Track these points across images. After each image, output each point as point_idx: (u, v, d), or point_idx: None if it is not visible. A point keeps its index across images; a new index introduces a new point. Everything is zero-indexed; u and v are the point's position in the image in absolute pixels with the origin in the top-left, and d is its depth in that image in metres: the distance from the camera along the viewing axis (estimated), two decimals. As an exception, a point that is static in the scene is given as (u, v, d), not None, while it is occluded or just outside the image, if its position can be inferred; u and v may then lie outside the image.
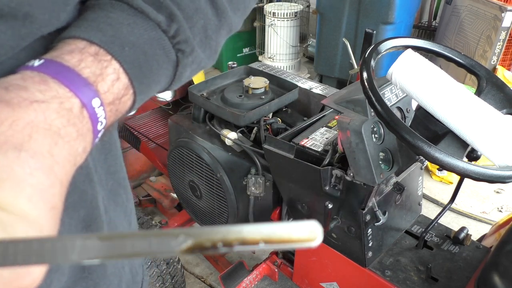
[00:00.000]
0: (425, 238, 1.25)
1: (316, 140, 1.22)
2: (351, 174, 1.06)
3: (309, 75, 4.02)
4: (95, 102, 0.32)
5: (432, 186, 2.75)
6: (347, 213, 1.14)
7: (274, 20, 3.66)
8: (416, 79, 0.92)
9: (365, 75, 0.91)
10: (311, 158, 1.18)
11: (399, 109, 1.13)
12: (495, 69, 3.17)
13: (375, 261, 1.20)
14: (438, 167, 2.29)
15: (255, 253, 1.89)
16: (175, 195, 1.96)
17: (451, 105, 0.89)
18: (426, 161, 1.18)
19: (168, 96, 2.24)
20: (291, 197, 1.29)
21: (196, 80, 2.08)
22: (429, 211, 2.50)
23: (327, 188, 1.13)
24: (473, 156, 0.99)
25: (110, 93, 0.34)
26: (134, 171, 2.47)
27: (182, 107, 1.93)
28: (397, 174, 1.12)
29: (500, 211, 2.57)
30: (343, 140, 1.04)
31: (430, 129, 0.99)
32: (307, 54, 4.39)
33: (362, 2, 3.18)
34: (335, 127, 1.29)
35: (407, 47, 0.98)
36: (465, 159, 0.98)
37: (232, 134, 1.39)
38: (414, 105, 1.13)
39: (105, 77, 0.33)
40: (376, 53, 0.94)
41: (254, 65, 1.75)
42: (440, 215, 1.24)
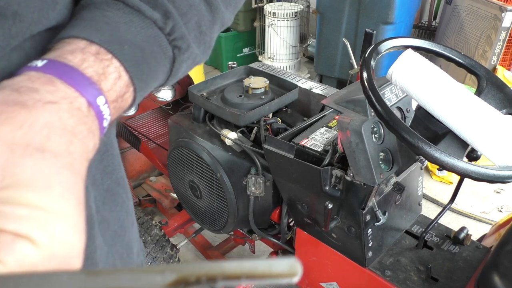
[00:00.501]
0: (425, 238, 1.25)
1: (316, 140, 1.22)
2: (351, 174, 1.06)
3: (309, 75, 4.02)
4: (100, 100, 0.33)
5: (432, 186, 2.75)
6: (347, 213, 1.14)
7: (274, 20, 3.66)
8: (416, 79, 0.92)
9: (365, 75, 0.91)
10: (311, 158, 1.18)
11: (399, 109, 1.13)
12: (495, 69, 3.17)
13: (375, 261, 1.20)
14: (438, 167, 2.29)
15: (255, 253, 1.89)
16: (175, 195, 1.96)
17: (451, 105, 0.89)
18: (426, 161, 1.18)
19: (168, 96, 2.24)
20: (291, 197, 1.29)
21: (196, 80, 2.08)
22: (429, 211, 2.50)
23: (327, 188, 1.13)
24: (473, 156, 0.99)
25: (113, 91, 0.34)
26: (134, 171, 2.47)
27: (182, 107, 1.93)
28: (397, 174, 1.12)
29: (500, 211, 2.57)
30: (343, 140, 1.04)
31: (430, 129, 0.99)
32: (307, 54, 4.39)
33: (362, 2, 3.18)
34: (335, 127, 1.29)
35: (407, 47, 0.98)
36: (465, 159, 0.98)
37: (232, 134, 1.39)
38: (414, 105, 1.13)
39: (107, 75, 0.34)
40: (376, 53, 0.94)
41: (254, 65, 1.75)
42: (440, 215, 1.24)
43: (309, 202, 1.23)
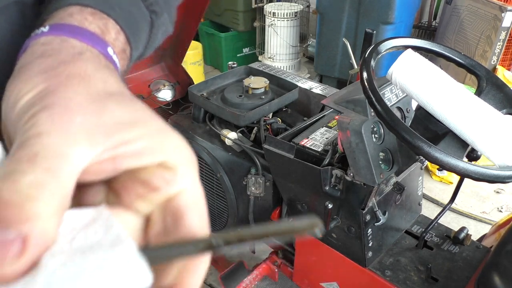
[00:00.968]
0: (425, 238, 1.25)
1: (316, 140, 1.23)
2: (351, 174, 1.06)
3: (309, 75, 4.02)
4: (110, 50, 0.34)
5: (432, 186, 2.75)
6: (347, 213, 1.14)
7: (274, 20, 3.66)
8: (416, 79, 0.92)
9: (365, 75, 0.91)
10: (311, 158, 1.18)
11: (399, 109, 1.13)
12: (495, 69, 3.17)
13: (375, 261, 1.20)
14: (438, 167, 2.29)
15: (255, 253, 1.89)
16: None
17: (451, 105, 0.89)
18: (426, 161, 1.18)
19: (168, 96, 2.24)
20: (291, 197, 1.29)
21: (196, 80, 2.08)
22: (429, 211, 2.50)
23: (327, 188, 1.13)
24: (473, 156, 0.99)
25: (116, 45, 0.36)
26: (134, 171, 2.46)
27: (182, 107, 1.93)
28: (397, 174, 1.12)
29: (500, 211, 2.57)
30: (343, 140, 1.04)
31: (430, 129, 0.99)
32: (307, 54, 4.38)
33: (362, 2, 3.18)
34: (335, 127, 1.29)
35: (407, 47, 0.98)
36: (465, 159, 0.98)
37: (232, 134, 1.39)
38: (414, 105, 1.13)
39: (110, 30, 0.35)
40: (376, 53, 0.94)
41: (254, 65, 1.75)
42: (440, 215, 1.24)
43: (309, 202, 1.23)
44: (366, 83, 0.90)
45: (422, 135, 0.84)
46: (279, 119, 1.48)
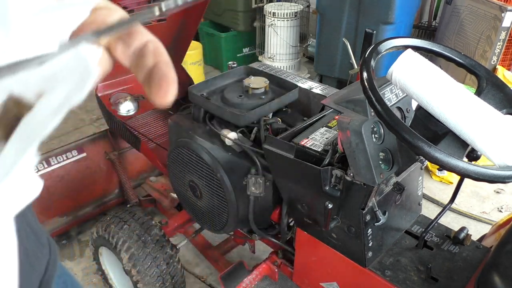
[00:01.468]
0: (425, 238, 1.25)
1: (316, 140, 1.23)
2: (351, 174, 1.06)
3: (309, 75, 4.02)
4: None
5: (432, 186, 2.76)
6: (347, 213, 1.14)
7: (274, 20, 3.66)
8: (416, 79, 0.92)
9: (365, 75, 0.91)
10: (311, 158, 1.18)
11: (399, 109, 1.13)
12: (495, 69, 3.18)
13: (375, 261, 1.20)
14: (438, 167, 2.29)
15: (255, 253, 1.89)
16: (175, 195, 1.96)
17: (451, 105, 0.89)
18: (426, 161, 1.18)
19: (168, 96, 2.23)
20: (291, 197, 1.29)
21: (196, 80, 2.08)
22: (429, 211, 2.50)
23: (327, 188, 1.13)
24: (473, 156, 0.99)
25: None
26: (134, 171, 2.47)
27: (182, 107, 1.93)
28: (397, 174, 1.12)
29: (500, 211, 2.57)
30: (343, 140, 1.04)
31: (430, 129, 0.99)
32: (307, 54, 4.39)
33: (362, 2, 3.18)
34: (335, 127, 1.29)
35: (407, 47, 0.98)
36: (465, 159, 0.98)
37: (232, 134, 1.39)
38: (414, 105, 1.13)
39: None
40: (376, 53, 0.94)
41: (254, 65, 1.75)
42: (440, 215, 1.24)
43: (309, 202, 1.23)
44: (366, 83, 0.90)
45: (422, 135, 0.84)
46: (279, 119, 1.48)
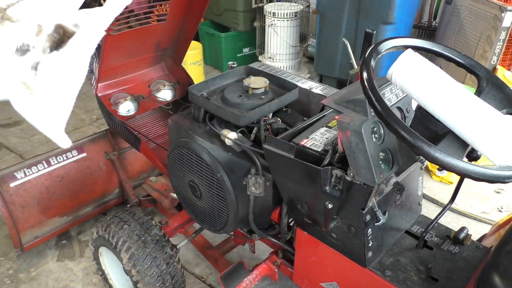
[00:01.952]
0: (425, 238, 1.25)
1: (316, 140, 1.23)
2: (351, 174, 1.06)
3: (309, 75, 4.02)
4: None
5: (432, 186, 2.76)
6: (347, 213, 1.14)
7: (274, 20, 3.67)
8: (416, 79, 0.92)
9: (365, 75, 0.91)
10: (311, 158, 1.18)
11: (399, 109, 1.13)
12: (495, 69, 3.18)
13: (375, 261, 1.20)
14: (438, 167, 2.29)
15: (255, 253, 1.89)
16: (175, 195, 1.96)
17: (451, 105, 0.89)
18: (426, 161, 1.18)
19: (168, 96, 2.24)
20: (291, 197, 1.29)
21: (196, 80, 2.08)
22: (429, 211, 2.50)
23: (327, 188, 1.13)
24: (473, 156, 0.99)
25: None
26: (134, 171, 2.47)
27: (182, 107, 1.93)
28: (397, 174, 1.12)
29: (500, 211, 2.57)
30: (343, 140, 1.04)
31: (430, 129, 0.99)
32: (307, 54, 4.39)
33: (362, 2, 3.18)
34: (335, 127, 1.29)
35: (407, 47, 0.98)
36: (465, 159, 0.98)
37: (232, 134, 1.39)
38: (414, 105, 1.13)
39: None
40: (376, 53, 0.94)
41: (254, 65, 1.75)
42: (440, 215, 1.24)
43: (309, 202, 1.23)
44: (366, 83, 0.90)
45: (422, 135, 0.84)
46: (279, 119, 1.48)
